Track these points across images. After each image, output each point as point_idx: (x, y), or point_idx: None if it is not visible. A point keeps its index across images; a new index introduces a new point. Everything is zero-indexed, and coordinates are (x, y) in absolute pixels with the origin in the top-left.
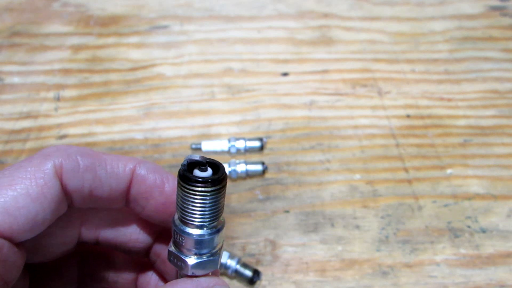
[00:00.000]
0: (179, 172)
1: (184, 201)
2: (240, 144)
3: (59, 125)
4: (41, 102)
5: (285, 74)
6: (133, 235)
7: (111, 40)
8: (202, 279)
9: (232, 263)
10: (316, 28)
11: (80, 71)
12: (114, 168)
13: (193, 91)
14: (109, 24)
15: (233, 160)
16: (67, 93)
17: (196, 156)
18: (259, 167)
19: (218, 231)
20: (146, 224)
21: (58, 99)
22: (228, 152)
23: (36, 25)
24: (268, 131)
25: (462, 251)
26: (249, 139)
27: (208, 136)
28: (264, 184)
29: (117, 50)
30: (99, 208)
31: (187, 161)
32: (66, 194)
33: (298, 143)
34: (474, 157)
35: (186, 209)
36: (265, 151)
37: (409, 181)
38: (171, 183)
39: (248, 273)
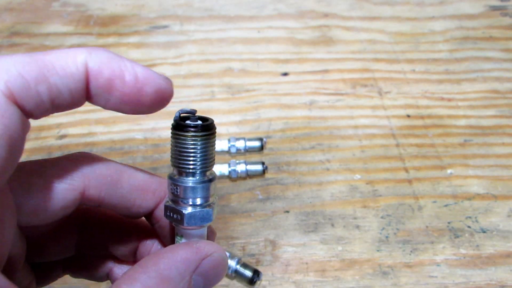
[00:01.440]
0: (172, 122)
1: (177, 148)
2: (240, 144)
3: (59, 125)
4: None
5: (285, 74)
6: (136, 200)
7: (111, 40)
8: (202, 245)
9: (232, 263)
10: (316, 28)
11: None
12: (66, 69)
13: (193, 91)
14: (109, 24)
15: (233, 160)
16: None
17: (187, 109)
18: (259, 167)
19: (210, 180)
20: (149, 188)
21: None
22: (228, 152)
23: (36, 25)
24: (268, 131)
25: (462, 251)
26: (249, 139)
27: None
28: (264, 184)
29: (117, 50)
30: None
31: (180, 113)
32: (26, 113)
33: (298, 143)
34: (475, 157)
35: (180, 156)
36: (265, 151)
37: (409, 181)
38: (130, 71)
39: (248, 273)
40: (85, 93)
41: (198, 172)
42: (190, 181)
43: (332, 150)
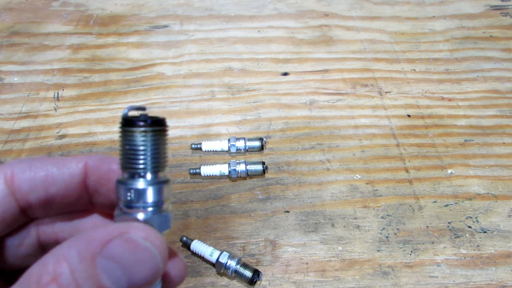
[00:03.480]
0: (120, 119)
1: (126, 146)
2: (240, 144)
3: (59, 125)
4: (41, 101)
5: (285, 74)
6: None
7: (110, 39)
8: (116, 225)
9: (232, 263)
10: (317, 28)
11: (80, 70)
12: (66, 164)
13: (193, 90)
14: (109, 23)
15: (233, 160)
16: (66, 92)
17: (136, 105)
18: (259, 167)
19: (163, 182)
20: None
21: (57, 98)
22: (228, 152)
23: (35, 25)
24: (268, 131)
25: (463, 251)
26: (249, 139)
27: (208, 136)
28: (264, 184)
29: (116, 50)
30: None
31: (128, 109)
32: (16, 195)
33: (298, 143)
34: (475, 157)
35: (129, 155)
36: (265, 151)
37: (410, 181)
38: (116, 172)
39: (248, 273)
40: (83, 188)
41: (149, 172)
42: (141, 183)
43: (332, 150)
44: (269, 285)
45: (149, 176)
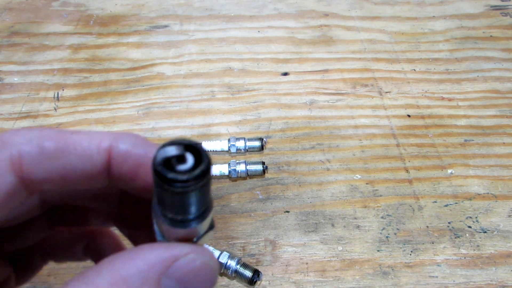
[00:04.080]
0: (155, 171)
1: (164, 199)
2: (240, 144)
3: (59, 125)
4: (41, 101)
5: (285, 74)
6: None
7: (110, 39)
8: (175, 245)
9: (232, 263)
10: (317, 28)
11: (80, 70)
12: (86, 151)
13: (193, 90)
14: (109, 23)
15: (233, 160)
16: (66, 92)
17: (171, 149)
18: (259, 167)
19: (203, 219)
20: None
21: (57, 98)
22: (228, 152)
23: (35, 25)
24: (268, 131)
25: (463, 251)
26: (249, 139)
27: (208, 136)
28: (264, 184)
29: (116, 50)
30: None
31: (162, 159)
32: (26, 184)
33: (298, 143)
34: (475, 157)
35: (167, 207)
36: (265, 151)
37: (410, 181)
38: None
39: (248, 273)
40: (105, 177)
41: (192, 223)
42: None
43: (332, 150)
44: (269, 285)
45: (192, 225)
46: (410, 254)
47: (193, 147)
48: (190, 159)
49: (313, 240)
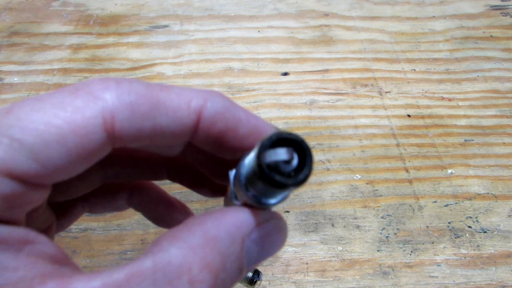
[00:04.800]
0: (261, 170)
1: (258, 185)
2: None
3: None
4: None
5: (285, 74)
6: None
7: (110, 39)
8: (257, 211)
9: None
10: (317, 28)
11: (80, 70)
12: (177, 112)
13: None
14: (109, 23)
15: None
16: None
17: (282, 153)
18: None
19: (281, 202)
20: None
21: None
22: None
23: (35, 25)
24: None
25: (463, 251)
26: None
27: None
28: None
29: (116, 50)
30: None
31: (271, 162)
32: (115, 141)
33: None
34: (475, 157)
35: (257, 190)
36: None
37: (410, 181)
38: (245, 124)
39: (248, 273)
40: (189, 138)
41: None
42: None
43: (332, 150)
44: (269, 285)
45: (271, 207)
46: (410, 254)
47: (299, 146)
48: (295, 159)
49: (313, 240)
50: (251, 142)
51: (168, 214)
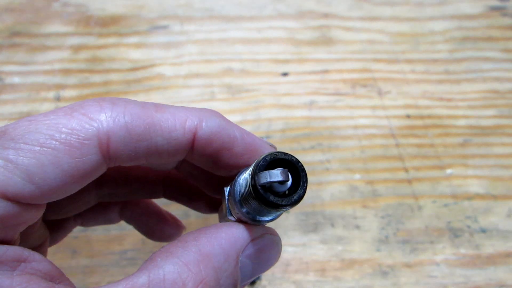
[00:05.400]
0: (255, 190)
1: (252, 205)
2: None
3: None
4: (41, 102)
5: (285, 74)
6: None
7: (111, 40)
8: (251, 226)
9: None
10: (316, 28)
11: (80, 71)
12: (172, 132)
13: (193, 91)
14: (109, 24)
15: None
16: (67, 93)
17: (276, 174)
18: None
19: (274, 220)
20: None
21: (58, 99)
22: None
23: (36, 25)
24: (268, 131)
25: (462, 251)
26: None
27: None
28: None
29: (117, 50)
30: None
31: (266, 183)
32: (110, 161)
33: (298, 143)
34: (474, 157)
35: (251, 208)
36: None
37: (409, 181)
38: (240, 143)
39: None
40: (184, 156)
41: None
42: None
43: (332, 150)
44: (269, 285)
45: (265, 224)
46: (410, 254)
47: (294, 166)
48: (290, 179)
49: (313, 240)
50: (246, 160)
51: (159, 228)
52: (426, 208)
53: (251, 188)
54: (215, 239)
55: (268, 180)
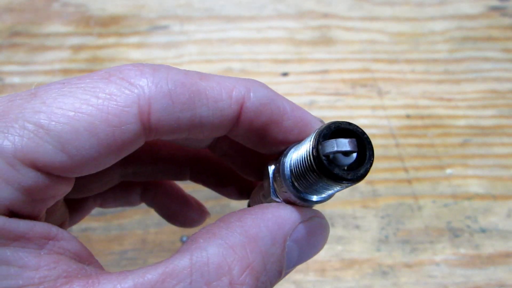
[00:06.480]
0: (319, 161)
1: (316, 186)
2: None
3: None
4: None
5: (285, 74)
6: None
7: (111, 40)
8: (299, 208)
9: None
10: (316, 28)
11: (80, 71)
12: (217, 102)
13: None
14: (109, 24)
15: None
16: None
17: (344, 144)
18: None
19: (324, 202)
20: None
21: None
22: None
23: (36, 25)
24: None
25: (462, 251)
26: None
27: None
28: None
29: (117, 50)
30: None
31: (328, 152)
32: (150, 133)
33: None
34: (474, 157)
35: (303, 184)
36: None
37: (409, 181)
38: (290, 116)
39: None
40: (229, 129)
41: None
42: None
43: None
44: None
45: (314, 205)
46: (410, 254)
47: (359, 137)
48: (356, 151)
49: None
50: (296, 135)
51: (182, 212)
52: (426, 208)
53: (312, 159)
54: (261, 220)
55: (335, 149)
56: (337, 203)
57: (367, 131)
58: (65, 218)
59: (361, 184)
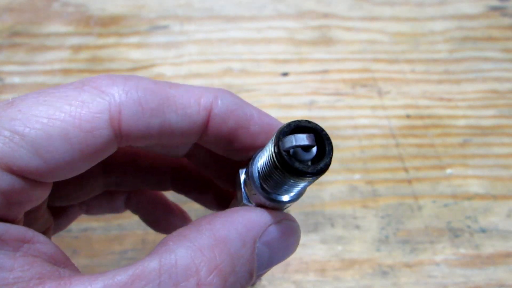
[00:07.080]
0: (280, 156)
1: (282, 184)
2: None
3: None
4: None
5: (285, 74)
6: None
7: (111, 40)
8: (268, 211)
9: None
10: (316, 28)
11: (80, 71)
12: (186, 109)
13: None
14: (109, 24)
15: None
16: None
17: (302, 138)
18: None
19: (295, 201)
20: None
21: None
22: None
23: (36, 25)
24: None
25: (462, 251)
26: None
27: None
28: None
29: (117, 50)
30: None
31: (291, 146)
32: (122, 139)
33: None
34: (474, 157)
35: (281, 190)
36: None
37: (409, 181)
38: (257, 121)
39: None
40: (199, 136)
41: (291, 199)
42: (279, 202)
43: None
44: (269, 284)
45: (285, 206)
46: (410, 254)
47: (318, 134)
48: (314, 147)
49: (313, 240)
50: (263, 140)
51: (165, 219)
52: (426, 208)
53: (274, 155)
54: (231, 223)
55: (294, 143)
56: (337, 203)
57: (368, 131)
58: (49, 225)
59: (361, 184)
